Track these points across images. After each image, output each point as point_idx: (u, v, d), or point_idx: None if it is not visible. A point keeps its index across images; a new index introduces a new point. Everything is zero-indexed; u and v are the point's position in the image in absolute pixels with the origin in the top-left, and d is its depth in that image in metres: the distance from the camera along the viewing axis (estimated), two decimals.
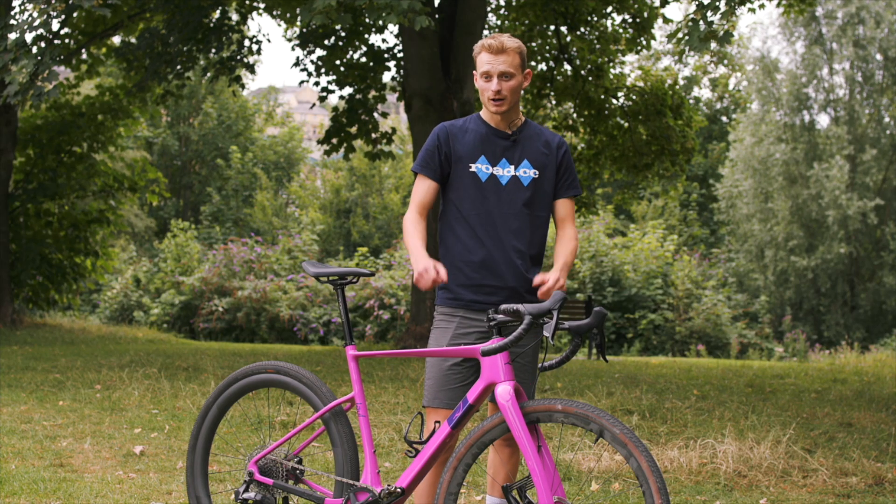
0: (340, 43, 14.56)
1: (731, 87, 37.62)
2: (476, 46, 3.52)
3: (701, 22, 8.28)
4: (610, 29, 14.93)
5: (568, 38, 14.82)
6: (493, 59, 3.45)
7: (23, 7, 11.27)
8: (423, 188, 3.56)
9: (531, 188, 3.55)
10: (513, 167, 3.55)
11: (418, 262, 3.34)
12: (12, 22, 10.75)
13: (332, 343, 19.94)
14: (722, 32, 8.28)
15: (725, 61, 37.04)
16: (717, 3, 8.60)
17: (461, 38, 12.83)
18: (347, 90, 14.82)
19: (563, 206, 3.66)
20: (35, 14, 10.38)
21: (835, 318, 28.54)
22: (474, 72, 3.56)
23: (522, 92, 15.98)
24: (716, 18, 8.58)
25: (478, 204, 3.53)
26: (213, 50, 13.59)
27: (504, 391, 3.05)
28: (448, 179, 3.58)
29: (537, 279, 3.44)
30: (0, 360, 10.43)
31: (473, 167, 3.54)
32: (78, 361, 10.43)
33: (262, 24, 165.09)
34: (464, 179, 3.54)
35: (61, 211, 18.05)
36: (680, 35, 8.81)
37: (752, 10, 12.89)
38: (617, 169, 15.49)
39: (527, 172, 3.55)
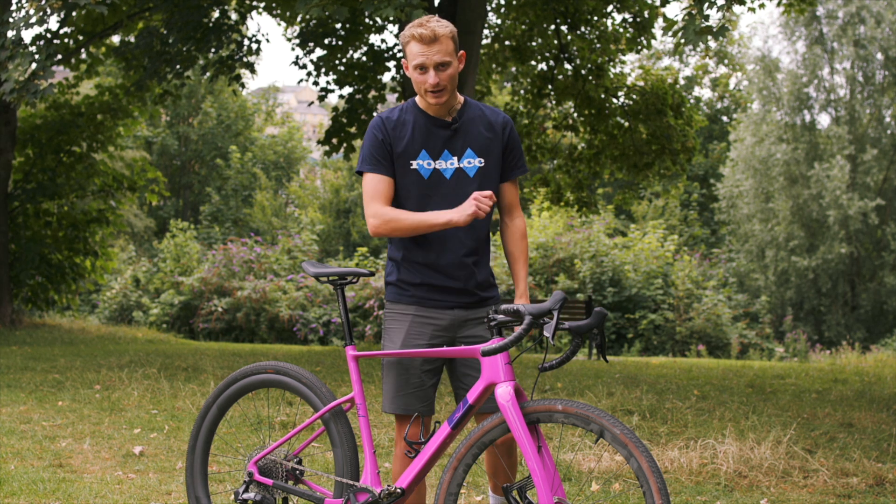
0: (340, 42, 14.55)
1: (731, 86, 37.65)
2: (404, 35, 3.27)
3: (697, 16, 8.28)
4: (610, 28, 14.92)
5: (568, 38, 14.81)
6: (426, 50, 3.21)
7: (20, 5, 11.27)
8: (382, 185, 3.33)
9: (478, 178, 3.35)
10: (456, 158, 3.35)
11: (458, 210, 3.17)
12: (10, 20, 10.74)
13: (332, 343, 19.93)
14: (717, 28, 8.27)
15: (726, 61, 37.05)
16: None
17: (461, 37, 12.77)
18: (347, 90, 14.82)
19: (510, 191, 3.46)
20: (31, 11, 10.37)
21: (835, 318, 28.53)
22: (404, 61, 3.31)
23: (522, 91, 15.88)
24: (712, 13, 8.58)
25: (422, 204, 3.33)
26: (213, 49, 13.58)
27: (504, 391, 3.04)
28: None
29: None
30: None
31: (414, 164, 3.33)
32: (77, 362, 10.42)
33: (262, 24, 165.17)
34: (405, 178, 3.33)
35: (60, 211, 18.03)
36: (676, 28, 8.82)
37: (752, 10, 12.87)
38: (617, 168, 15.48)
39: (472, 162, 3.36)
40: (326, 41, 14.56)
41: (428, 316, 3.38)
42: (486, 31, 14.98)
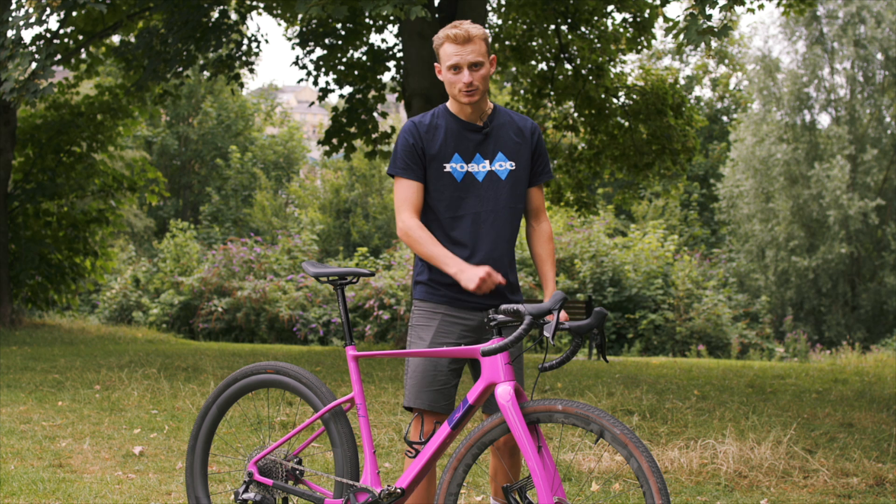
0: (340, 42, 14.55)
1: (731, 86, 37.63)
2: (437, 38, 3.34)
3: (699, 16, 8.29)
4: (610, 28, 14.92)
5: (568, 38, 14.81)
6: (460, 50, 3.29)
7: (19, 4, 11.27)
8: (412, 190, 3.38)
9: (509, 181, 3.41)
10: (488, 162, 3.41)
11: (467, 271, 3.18)
12: (10, 19, 10.74)
13: (332, 343, 19.92)
14: (719, 28, 8.27)
15: (726, 61, 37.04)
16: None
17: None
18: (347, 90, 14.83)
19: (537, 195, 3.53)
20: (31, 10, 10.37)
21: (836, 318, 28.52)
22: (436, 64, 3.39)
23: (522, 91, 15.93)
24: (714, 12, 8.59)
25: (455, 206, 3.39)
26: (212, 49, 13.59)
27: (504, 391, 3.04)
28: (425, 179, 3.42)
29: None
30: None
31: (448, 167, 3.38)
32: (77, 362, 10.42)
33: (262, 24, 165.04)
34: (439, 181, 3.38)
35: (60, 211, 18.03)
36: (678, 29, 8.83)
37: (752, 11, 12.87)
38: (617, 168, 15.48)
39: (503, 165, 3.42)
40: (326, 41, 14.56)
41: (458, 316, 3.41)
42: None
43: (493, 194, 3.39)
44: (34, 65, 10.57)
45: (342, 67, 14.66)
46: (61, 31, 14.08)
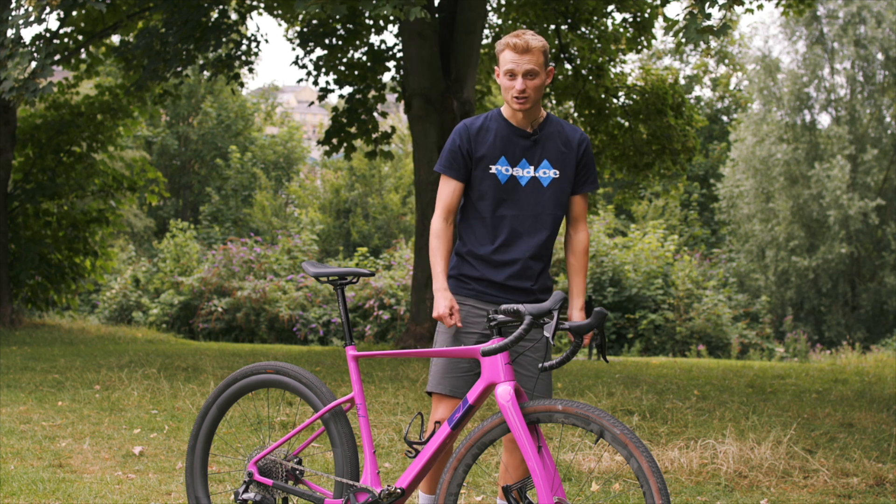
0: (340, 42, 14.55)
1: (732, 86, 37.61)
2: (500, 43, 3.52)
3: (699, 15, 8.29)
4: (610, 28, 14.92)
5: (568, 38, 14.81)
6: (518, 59, 3.44)
7: (19, 2, 11.26)
8: (449, 190, 3.56)
9: (550, 189, 3.54)
10: (532, 168, 3.54)
11: (438, 301, 3.42)
12: (9, 17, 10.74)
13: (332, 343, 19.92)
14: (718, 27, 8.27)
15: (726, 61, 37.03)
16: None
17: (461, 37, 12.82)
18: (347, 90, 14.83)
19: (579, 203, 3.65)
20: (31, 9, 10.37)
21: (836, 318, 28.51)
22: (496, 67, 3.55)
23: None
24: (714, 11, 8.60)
25: (496, 206, 3.53)
26: (212, 49, 13.58)
27: (504, 391, 3.04)
28: (470, 178, 3.59)
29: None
30: None
31: (493, 168, 3.53)
32: (77, 362, 10.42)
33: (261, 24, 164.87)
34: (483, 181, 3.54)
35: (60, 211, 18.01)
36: (677, 28, 8.83)
37: (751, 11, 12.86)
38: (618, 168, 15.48)
39: (547, 173, 3.54)
40: (326, 41, 14.55)
41: (484, 309, 3.51)
42: (486, 31, 14.98)
43: (534, 199, 3.53)
44: (34, 64, 10.56)
45: (342, 67, 14.65)
46: (61, 31, 14.06)
